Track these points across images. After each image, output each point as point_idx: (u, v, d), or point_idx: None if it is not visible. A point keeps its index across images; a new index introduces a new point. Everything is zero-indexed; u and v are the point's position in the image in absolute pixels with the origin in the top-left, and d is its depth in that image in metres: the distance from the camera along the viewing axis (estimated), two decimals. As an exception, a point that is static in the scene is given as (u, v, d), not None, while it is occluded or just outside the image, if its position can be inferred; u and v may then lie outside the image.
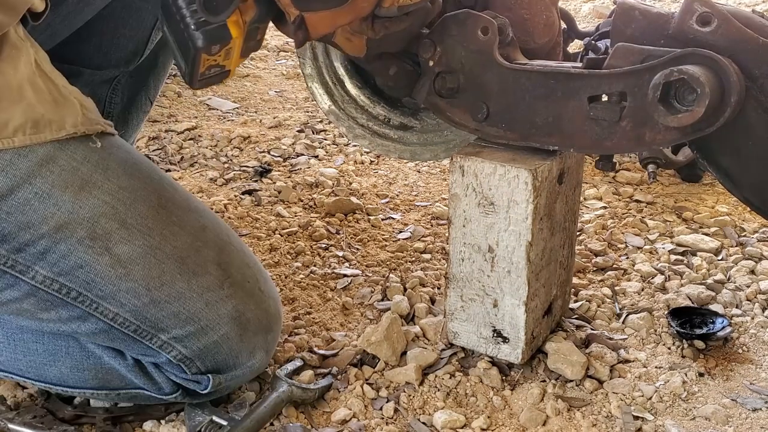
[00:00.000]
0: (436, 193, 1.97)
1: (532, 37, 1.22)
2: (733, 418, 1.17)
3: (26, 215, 0.99)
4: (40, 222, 0.99)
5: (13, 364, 1.16)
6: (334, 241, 1.70)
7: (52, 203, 1.00)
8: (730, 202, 1.86)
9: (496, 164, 1.14)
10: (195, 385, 1.12)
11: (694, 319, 1.37)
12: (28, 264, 1.01)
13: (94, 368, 1.13)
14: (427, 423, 1.15)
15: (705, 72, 0.95)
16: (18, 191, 0.98)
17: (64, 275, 1.02)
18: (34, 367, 1.15)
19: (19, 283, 1.02)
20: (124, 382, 1.14)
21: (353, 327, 1.40)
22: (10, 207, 0.98)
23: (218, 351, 1.10)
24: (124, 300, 1.04)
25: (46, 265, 1.01)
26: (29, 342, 1.15)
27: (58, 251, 1.01)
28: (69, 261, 1.02)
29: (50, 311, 1.05)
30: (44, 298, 1.04)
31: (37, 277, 1.02)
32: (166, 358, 1.09)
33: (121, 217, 1.04)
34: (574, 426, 1.15)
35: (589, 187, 1.97)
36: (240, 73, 3.01)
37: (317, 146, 2.25)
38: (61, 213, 1.00)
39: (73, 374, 1.14)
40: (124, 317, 1.06)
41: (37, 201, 0.99)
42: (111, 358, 1.13)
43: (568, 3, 4.01)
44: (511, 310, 1.20)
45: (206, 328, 1.09)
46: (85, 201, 1.01)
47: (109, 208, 1.03)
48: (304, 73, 1.42)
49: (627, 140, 1.05)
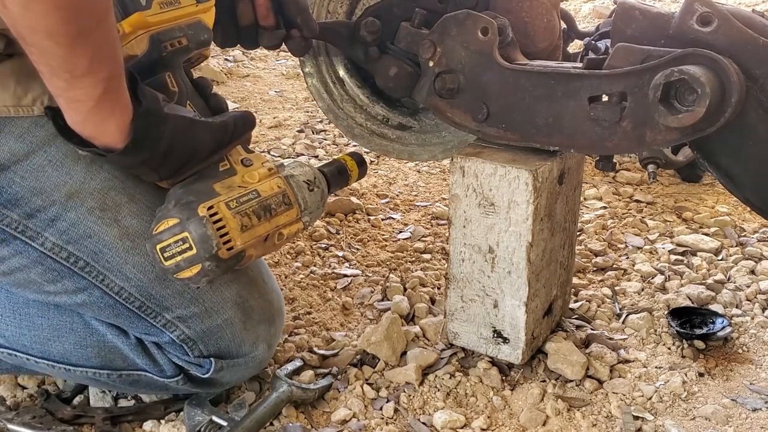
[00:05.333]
0: (436, 193, 1.97)
1: (532, 41, 1.22)
2: (733, 418, 1.16)
3: (39, 181, 1.01)
4: (53, 189, 1.02)
5: (18, 339, 1.17)
6: (334, 241, 1.70)
7: (65, 171, 1.02)
8: (730, 202, 1.86)
9: (496, 165, 1.13)
10: (197, 369, 1.12)
11: (694, 319, 1.37)
12: (38, 230, 1.03)
13: (97, 345, 1.14)
14: (427, 423, 1.15)
15: (705, 72, 0.95)
16: (33, 157, 1.01)
17: (73, 243, 1.04)
18: (38, 342, 1.16)
19: (28, 250, 1.04)
20: (126, 363, 1.14)
21: (353, 327, 1.40)
22: (25, 171, 1.01)
23: (222, 335, 1.11)
24: (130, 274, 1.06)
25: (55, 232, 1.03)
26: (34, 317, 1.15)
27: (68, 219, 1.03)
28: (78, 229, 1.04)
29: (56, 283, 1.07)
30: (51, 267, 1.05)
31: (46, 243, 1.04)
32: (169, 337, 1.10)
33: (130, 191, 1.06)
34: (574, 426, 1.15)
35: (589, 187, 1.97)
36: (240, 73, 3.01)
37: (317, 146, 2.25)
38: (73, 182, 1.03)
39: (77, 351, 1.15)
40: (129, 292, 1.07)
41: (51, 168, 1.01)
42: (114, 336, 1.13)
43: (568, 3, 4.01)
44: (511, 310, 1.20)
45: (210, 311, 1.10)
46: (96, 173, 1.04)
47: (119, 182, 1.05)
48: (304, 72, 1.42)
49: (627, 140, 1.05)
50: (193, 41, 1.08)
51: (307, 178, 1.13)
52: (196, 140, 1.01)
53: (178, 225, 0.97)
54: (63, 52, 0.83)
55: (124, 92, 0.92)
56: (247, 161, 1.09)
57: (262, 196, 1.05)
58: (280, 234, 1.07)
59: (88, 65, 0.85)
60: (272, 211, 1.06)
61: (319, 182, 1.15)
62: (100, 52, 0.85)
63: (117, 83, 0.90)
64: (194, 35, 1.08)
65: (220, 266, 0.99)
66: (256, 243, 1.04)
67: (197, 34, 1.09)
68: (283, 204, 1.07)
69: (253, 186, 1.06)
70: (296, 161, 1.17)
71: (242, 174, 1.07)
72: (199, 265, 0.97)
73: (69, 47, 0.83)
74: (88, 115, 0.91)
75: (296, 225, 1.10)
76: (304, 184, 1.12)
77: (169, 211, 0.99)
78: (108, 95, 0.89)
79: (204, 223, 0.97)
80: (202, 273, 0.98)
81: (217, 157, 1.05)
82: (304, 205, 1.11)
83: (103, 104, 0.89)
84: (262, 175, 1.08)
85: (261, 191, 1.05)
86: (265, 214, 1.04)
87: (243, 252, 1.01)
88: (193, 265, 0.98)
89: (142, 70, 1.00)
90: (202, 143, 1.02)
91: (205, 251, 0.97)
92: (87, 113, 0.90)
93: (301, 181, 1.12)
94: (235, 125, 1.06)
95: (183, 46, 1.07)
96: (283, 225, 1.07)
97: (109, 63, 0.87)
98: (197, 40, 1.09)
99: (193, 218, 0.97)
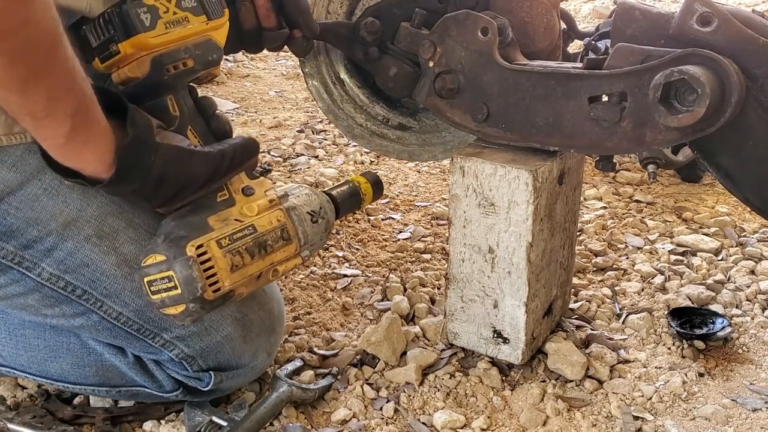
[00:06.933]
0: (436, 193, 1.97)
1: (532, 41, 1.22)
2: (733, 418, 1.16)
3: (35, 211, 0.99)
4: (49, 218, 0.99)
5: (15, 359, 1.16)
6: (334, 241, 1.70)
7: (61, 200, 1.00)
8: (730, 202, 1.86)
9: (496, 165, 1.13)
10: (196, 383, 1.12)
11: (694, 319, 1.37)
12: (35, 261, 1.01)
13: (94, 365, 1.14)
14: (427, 423, 1.15)
15: (705, 72, 0.95)
16: (27, 186, 0.98)
17: (70, 273, 1.02)
18: (35, 362, 1.15)
19: (25, 279, 1.02)
20: (124, 380, 1.14)
21: (353, 327, 1.40)
22: (20, 202, 0.98)
23: (221, 350, 1.11)
24: (128, 299, 1.05)
25: (52, 262, 1.02)
26: (30, 338, 1.15)
27: (65, 248, 1.01)
28: (75, 258, 1.02)
29: (54, 308, 1.06)
30: (49, 295, 1.04)
31: (43, 274, 1.02)
32: (168, 356, 1.10)
33: (128, 216, 1.04)
34: (574, 426, 1.15)
35: (589, 187, 1.97)
36: (240, 73, 3.01)
37: (317, 146, 2.25)
38: (69, 210, 1.00)
39: (74, 370, 1.14)
40: (128, 316, 1.06)
41: (46, 197, 0.99)
42: (112, 355, 1.13)
43: (568, 3, 4.01)
44: (511, 310, 1.20)
45: (209, 328, 1.09)
46: (93, 199, 1.02)
47: (116, 207, 1.03)
48: (304, 72, 1.42)
49: (627, 141, 1.05)
50: (199, 62, 1.00)
51: (312, 208, 1.08)
52: (190, 171, 0.96)
53: (164, 262, 0.94)
54: (17, 98, 0.80)
55: (97, 122, 0.87)
56: (248, 190, 1.04)
57: (259, 231, 1.01)
58: (275, 271, 1.03)
59: (46, 105, 0.81)
60: (268, 247, 1.01)
61: (324, 212, 1.10)
62: (57, 90, 0.81)
63: (85, 116, 0.85)
64: (201, 55, 1.00)
65: (205, 307, 0.96)
66: (248, 282, 1.00)
67: (205, 54, 1.00)
68: (281, 239, 1.03)
69: (250, 220, 1.01)
70: (303, 187, 1.12)
71: (241, 205, 1.02)
72: (183, 305, 0.94)
73: (21, 93, 0.79)
74: (62, 150, 0.87)
75: (293, 261, 1.05)
76: (307, 216, 1.07)
77: (158, 246, 0.95)
78: (78, 129, 0.85)
79: (190, 265, 0.93)
80: (186, 313, 0.95)
81: (214, 187, 1.01)
82: (304, 239, 1.06)
83: (74, 138, 0.85)
84: (261, 207, 1.03)
85: (258, 226, 1.01)
86: (260, 251, 1.00)
87: (231, 292, 0.98)
88: (178, 305, 0.94)
89: (141, 93, 0.96)
90: (196, 174, 0.97)
91: (189, 293, 0.93)
92: (60, 149, 0.87)
93: (304, 212, 1.07)
94: (234, 154, 1.01)
95: (188, 68, 1.00)
96: (279, 261, 1.03)
97: (69, 98, 0.82)
98: (204, 61, 1.01)
99: (180, 258, 0.93)
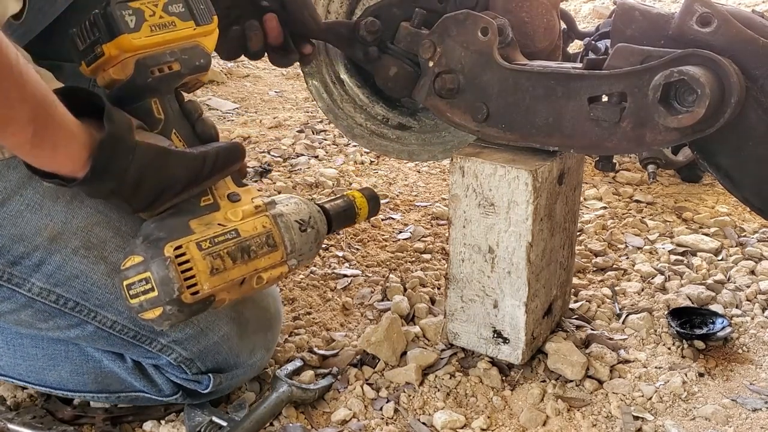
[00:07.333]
0: (436, 194, 1.97)
1: (532, 41, 1.22)
2: (733, 418, 1.16)
3: (19, 227, 0.98)
4: (34, 234, 0.98)
5: (14, 368, 1.16)
6: (334, 241, 1.70)
7: (45, 213, 0.99)
8: (730, 202, 1.86)
9: (496, 165, 1.13)
10: (196, 385, 1.12)
11: (694, 319, 1.37)
12: (24, 277, 1.00)
13: (93, 372, 1.13)
14: (427, 423, 1.15)
15: (705, 73, 0.95)
16: (9, 203, 0.97)
17: (61, 286, 1.02)
18: (34, 371, 1.15)
19: (16, 296, 1.02)
20: (123, 386, 1.14)
21: (353, 327, 1.40)
22: (3, 219, 0.97)
23: (218, 351, 1.10)
24: (121, 307, 1.04)
25: (41, 277, 1.01)
26: (28, 347, 1.15)
27: (53, 262, 1.00)
28: (65, 271, 1.01)
29: (48, 321, 1.05)
30: (42, 309, 1.03)
31: (33, 289, 1.01)
32: (167, 360, 1.09)
33: (115, 224, 1.03)
34: (574, 426, 1.15)
35: (589, 187, 1.97)
36: (240, 74, 3.01)
37: (317, 146, 2.25)
38: (54, 223, 0.99)
39: (73, 378, 1.14)
40: (123, 324, 1.06)
41: (29, 212, 0.98)
42: (110, 361, 1.13)
43: (568, 3, 4.01)
44: (511, 310, 1.20)
45: (205, 330, 1.09)
46: (77, 210, 1.00)
47: (102, 216, 1.02)
48: (304, 72, 1.42)
49: (627, 141, 1.05)
50: (186, 66, 0.98)
51: (301, 217, 1.06)
52: (169, 172, 0.93)
53: (142, 264, 0.91)
54: None
55: (61, 123, 0.85)
56: (234, 196, 1.02)
57: (242, 236, 0.98)
58: (259, 278, 1.00)
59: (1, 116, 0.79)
60: (252, 253, 0.98)
61: (314, 222, 1.07)
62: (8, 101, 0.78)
63: (44, 120, 0.83)
64: (188, 60, 0.98)
65: (183, 311, 0.93)
66: (229, 287, 0.97)
67: (192, 59, 0.98)
68: (265, 245, 1.00)
69: (233, 225, 0.98)
70: (293, 197, 1.10)
71: (226, 210, 1.00)
72: (160, 308, 0.91)
73: None
74: (32, 156, 0.86)
75: (280, 269, 1.02)
76: (295, 224, 1.04)
77: (137, 247, 0.93)
78: (40, 134, 0.83)
79: (167, 265, 0.90)
80: (164, 317, 0.92)
81: (196, 191, 0.98)
82: (291, 248, 1.03)
83: (40, 143, 0.83)
84: (246, 213, 1.00)
85: (241, 231, 0.98)
86: (243, 256, 0.97)
87: (212, 296, 0.95)
88: (155, 308, 0.91)
89: (125, 96, 0.95)
90: (177, 175, 0.94)
91: (165, 294, 0.90)
92: (29, 155, 0.86)
93: (291, 220, 1.04)
94: (217, 157, 0.98)
95: (173, 72, 0.97)
96: (263, 268, 1.00)
97: (23, 107, 0.80)
98: (191, 66, 0.98)
99: (156, 258, 0.91)
